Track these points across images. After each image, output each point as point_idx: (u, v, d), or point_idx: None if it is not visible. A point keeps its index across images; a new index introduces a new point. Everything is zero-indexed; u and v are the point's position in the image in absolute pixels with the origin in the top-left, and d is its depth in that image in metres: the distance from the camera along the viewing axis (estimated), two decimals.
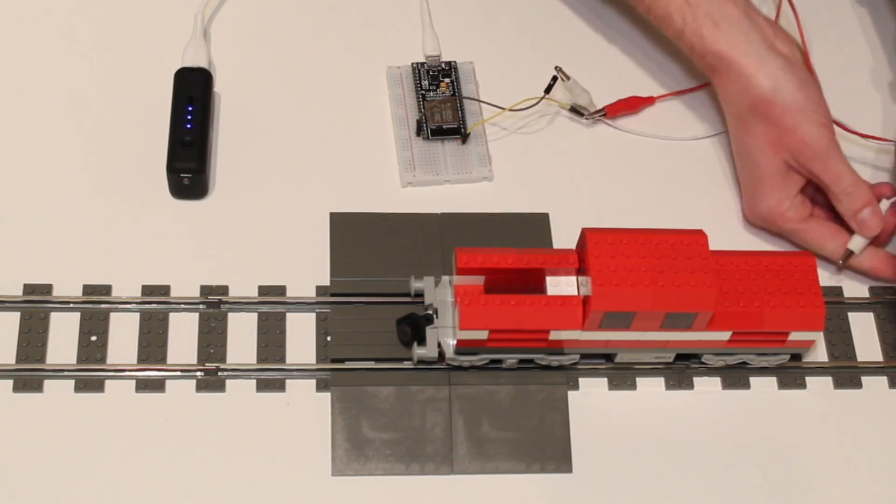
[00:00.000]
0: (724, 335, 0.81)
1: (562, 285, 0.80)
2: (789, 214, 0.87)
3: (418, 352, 0.81)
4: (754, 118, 0.86)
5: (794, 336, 0.81)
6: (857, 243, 0.87)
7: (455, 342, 0.81)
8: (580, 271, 0.80)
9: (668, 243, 0.79)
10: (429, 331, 0.81)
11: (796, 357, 0.85)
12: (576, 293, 0.80)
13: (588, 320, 0.78)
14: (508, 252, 0.80)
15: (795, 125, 0.85)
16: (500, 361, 0.83)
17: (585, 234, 0.79)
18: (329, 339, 0.84)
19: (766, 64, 0.85)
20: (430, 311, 0.82)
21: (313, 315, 0.85)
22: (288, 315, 0.85)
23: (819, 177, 0.86)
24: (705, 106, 0.96)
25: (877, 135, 0.93)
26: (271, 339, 0.84)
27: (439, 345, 0.81)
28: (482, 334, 0.79)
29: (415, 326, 0.82)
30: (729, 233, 0.91)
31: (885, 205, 0.88)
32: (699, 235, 0.79)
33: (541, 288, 0.80)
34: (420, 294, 0.83)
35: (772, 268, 0.81)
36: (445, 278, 0.82)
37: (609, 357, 0.84)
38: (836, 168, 0.86)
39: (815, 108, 0.86)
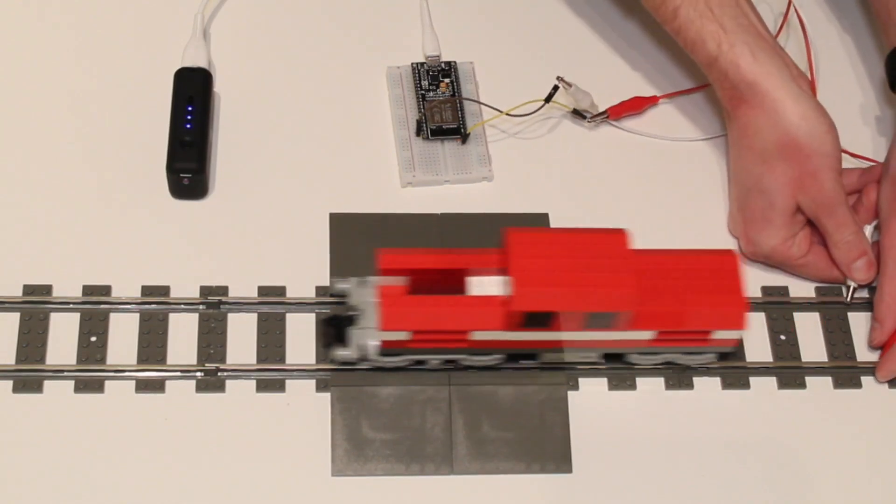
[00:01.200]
0: (648, 334, 0.80)
1: (485, 285, 0.79)
2: (793, 252, 0.87)
3: (339, 353, 0.81)
4: (778, 155, 0.85)
5: (717, 335, 0.81)
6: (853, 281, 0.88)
7: (378, 343, 0.80)
8: (503, 271, 0.79)
9: (590, 243, 0.78)
10: (351, 332, 0.81)
11: (725, 356, 0.84)
12: (499, 293, 0.79)
13: (509, 321, 0.78)
14: (431, 252, 0.80)
15: (817, 171, 0.84)
16: (423, 362, 0.82)
17: (507, 233, 0.78)
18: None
19: (800, 103, 0.84)
20: (354, 312, 0.81)
21: (313, 315, 0.85)
22: (288, 315, 0.85)
23: (824, 223, 0.86)
24: (705, 107, 0.96)
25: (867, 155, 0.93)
26: (271, 340, 0.84)
27: (363, 346, 0.80)
28: (404, 335, 0.79)
29: (338, 327, 0.81)
30: (722, 232, 0.91)
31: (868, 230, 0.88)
32: (620, 234, 0.78)
33: (461, 289, 0.80)
34: (344, 294, 0.83)
35: (694, 266, 0.80)
36: (370, 279, 0.82)
37: (534, 357, 0.83)
38: (843, 217, 0.85)
39: (837, 155, 0.85)
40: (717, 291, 0.80)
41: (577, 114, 0.93)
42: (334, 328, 0.82)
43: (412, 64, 0.94)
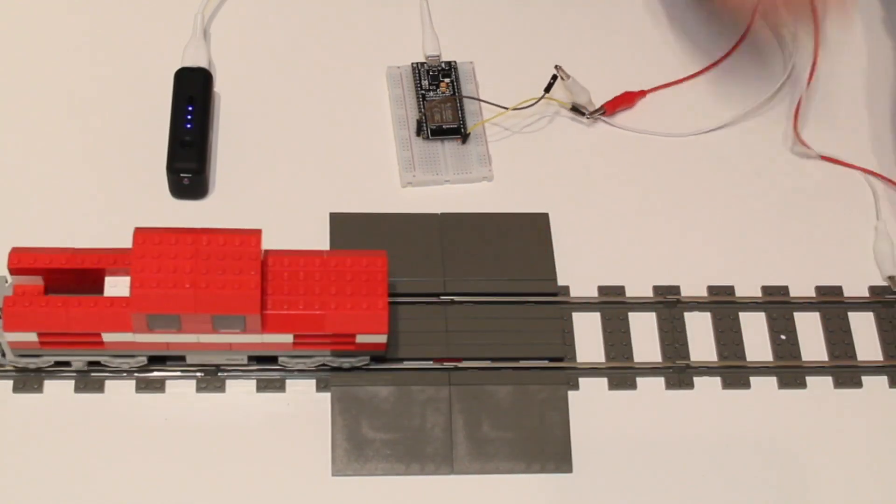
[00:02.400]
0: (286, 338, 0.79)
1: (120, 286, 0.77)
2: None
3: None
4: None
5: (361, 338, 0.79)
6: None
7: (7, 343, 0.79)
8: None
9: (219, 243, 0.76)
10: None
11: (378, 359, 0.83)
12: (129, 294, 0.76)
13: (133, 322, 0.76)
14: (64, 251, 0.77)
15: None
16: (67, 363, 0.81)
17: (134, 232, 0.76)
18: None
19: None
20: None
21: None
22: None
23: None
24: (703, 99, 0.96)
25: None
26: None
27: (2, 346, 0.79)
28: (31, 336, 0.77)
29: None
30: (728, 230, 0.91)
31: None
32: (252, 235, 0.76)
33: (101, 288, 0.78)
34: None
35: (339, 269, 0.78)
36: (8, 278, 0.79)
37: (182, 358, 0.81)
38: None
39: None
40: (359, 294, 0.78)
41: (576, 110, 0.93)
42: None
43: (412, 64, 0.94)
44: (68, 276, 0.77)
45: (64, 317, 0.76)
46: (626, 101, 0.94)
